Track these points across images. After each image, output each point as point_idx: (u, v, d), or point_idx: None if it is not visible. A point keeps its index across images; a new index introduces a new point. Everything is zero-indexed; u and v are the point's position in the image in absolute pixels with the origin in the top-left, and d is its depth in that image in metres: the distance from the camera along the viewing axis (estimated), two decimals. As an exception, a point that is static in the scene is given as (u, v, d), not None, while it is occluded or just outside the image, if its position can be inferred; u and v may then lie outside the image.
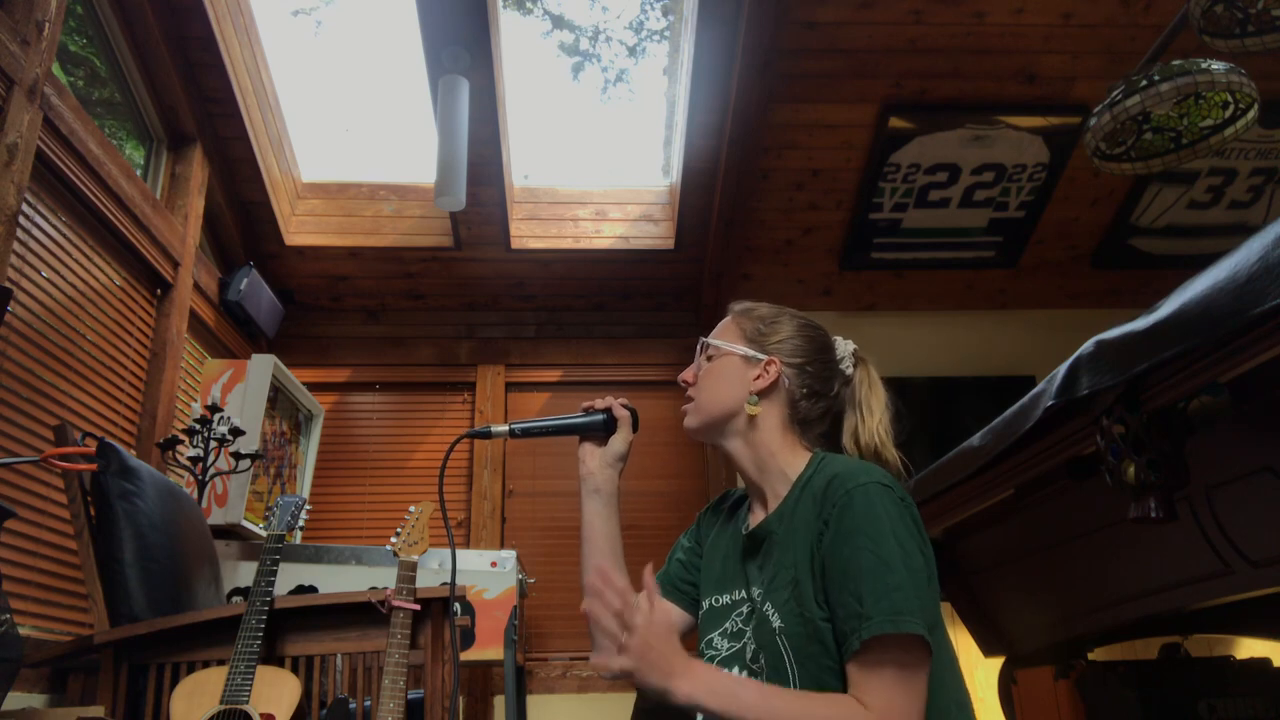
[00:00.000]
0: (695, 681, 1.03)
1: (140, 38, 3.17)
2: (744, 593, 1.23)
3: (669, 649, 1.04)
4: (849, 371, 1.34)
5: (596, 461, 1.35)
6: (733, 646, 1.21)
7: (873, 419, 1.31)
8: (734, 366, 1.29)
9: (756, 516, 1.28)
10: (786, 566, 1.15)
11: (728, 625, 1.23)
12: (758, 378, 1.27)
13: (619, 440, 1.36)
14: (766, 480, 1.26)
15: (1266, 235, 1.02)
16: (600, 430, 1.36)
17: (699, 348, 1.36)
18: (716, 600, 1.28)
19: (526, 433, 1.35)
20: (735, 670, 1.18)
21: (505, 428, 1.33)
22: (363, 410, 4.36)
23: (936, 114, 3.77)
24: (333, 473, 4.18)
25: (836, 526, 1.09)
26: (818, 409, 1.30)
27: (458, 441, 1.39)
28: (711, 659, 1.23)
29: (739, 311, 1.36)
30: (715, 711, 1.03)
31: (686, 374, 1.35)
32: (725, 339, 1.32)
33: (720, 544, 1.34)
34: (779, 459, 1.25)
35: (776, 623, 1.12)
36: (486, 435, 1.33)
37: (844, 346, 1.35)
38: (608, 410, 1.37)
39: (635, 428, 1.37)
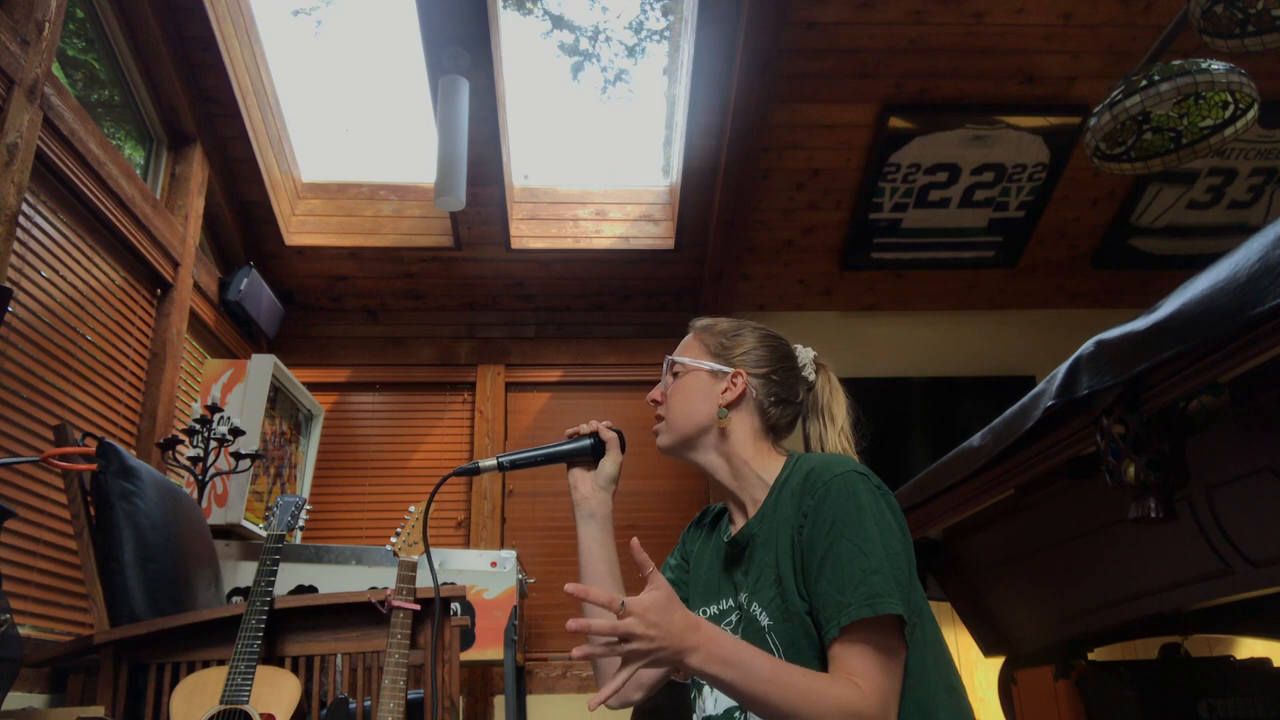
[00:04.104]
0: (706, 650, 0.99)
1: (140, 38, 3.17)
2: (732, 601, 1.25)
3: (671, 616, 0.98)
4: (811, 378, 1.36)
5: (589, 486, 1.36)
6: None
7: (835, 426, 1.33)
8: (701, 381, 1.31)
9: (737, 525, 1.30)
10: (769, 565, 1.17)
11: None
12: (725, 390, 1.30)
13: (609, 462, 1.36)
14: (744, 488, 1.28)
15: (1266, 235, 1.02)
16: (589, 455, 1.36)
17: (666, 366, 1.37)
18: (704, 612, 1.29)
19: (515, 465, 1.34)
20: None
21: (493, 461, 1.33)
22: (363, 410, 4.35)
23: (936, 114, 3.77)
24: (333, 473, 4.18)
25: (815, 517, 1.11)
26: (787, 415, 1.33)
27: (445, 480, 1.37)
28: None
29: (700, 328, 1.38)
30: (727, 681, 1.00)
31: (655, 394, 1.36)
32: (690, 356, 1.34)
33: (705, 557, 1.35)
34: (753, 466, 1.27)
35: (764, 621, 1.14)
36: (475, 471, 1.32)
37: (805, 354, 1.38)
38: (594, 434, 1.37)
39: (623, 448, 1.38)
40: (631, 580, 1.33)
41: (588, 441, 1.36)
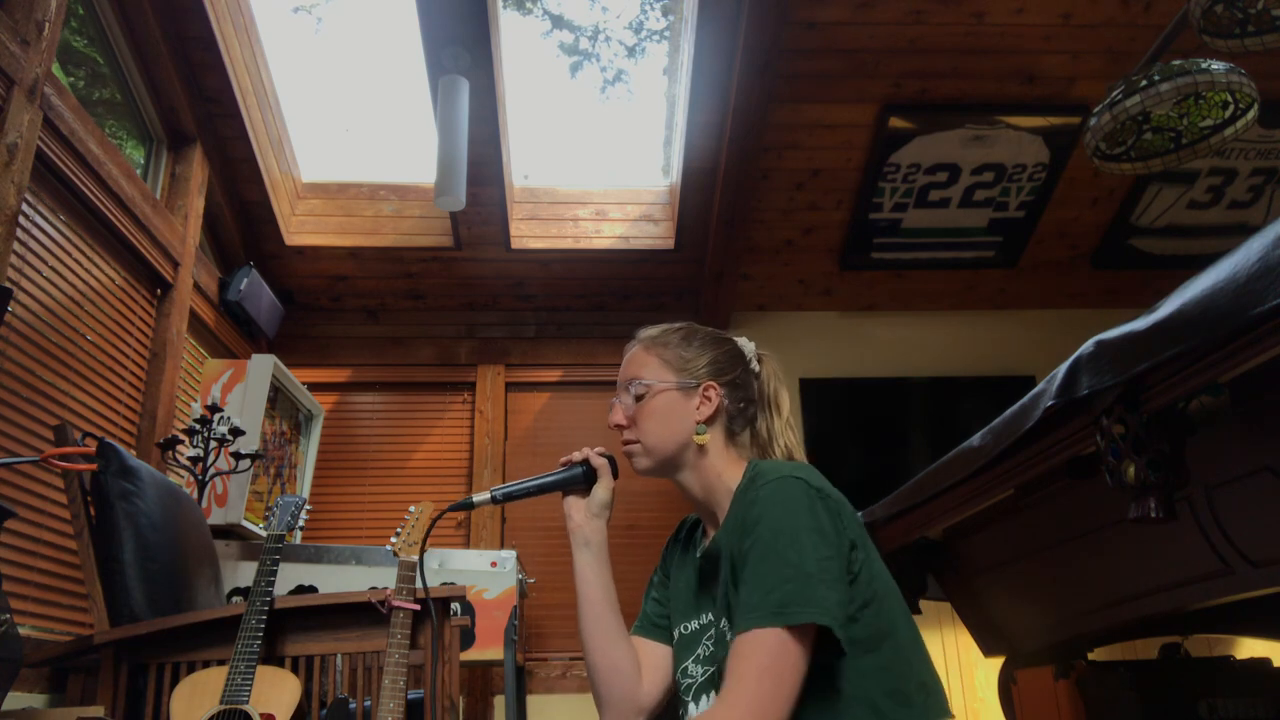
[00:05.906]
0: None
1: (140, 38, 3.17)
2: (710, 615, 1.23)
3: None
4: (757, 369, 1.35)
5: (582, 514, 1.33)
6: (706, 670, 1.20)
7: (781, 416, 1.32)
8: (673, 400, 1.28)
9: (709, 538, 1.29)
10: (727, 575, 1.15)
11: (700, 651, 1.23)
12: (700, 405, 1.27)
13: (601, 489, 1.34)
14: (714, 500, 1.27)
15: (1266, 235, 1.02)
16: (581, 482, 1.35)
17: (625, 387, 1.32)
18: (685, 628, 1.28)
19: (509, 497, 1.33)
20: (712, 696, 1.18)
21: (487, 495, 1.31)
22: (363, 410, 4.35)
23: (936, 114, 3.77)
24: (333, 473, 4.18)
25: (744, 524, 1.10)
26: (747, 416, 1.32)
27: (440, 516, 1.36)
28: (688, 687, 1.23)
29: (651, 341, 1.34)
30: None
31: (618, 418, 1.32)
32: (650, 373, 1.30)
33: (683, 572, 1.34)
34: (724, 478, 1.26)
35: (730, 636, 1.12)
36: (469, 507, 1.31)
37: (748, 347, 1.36)
38: (585, 461, 1.35)
39: (615, 474, 1.36)
40: (628, 603, 1.31)
41: (579, 469, 1.35)
